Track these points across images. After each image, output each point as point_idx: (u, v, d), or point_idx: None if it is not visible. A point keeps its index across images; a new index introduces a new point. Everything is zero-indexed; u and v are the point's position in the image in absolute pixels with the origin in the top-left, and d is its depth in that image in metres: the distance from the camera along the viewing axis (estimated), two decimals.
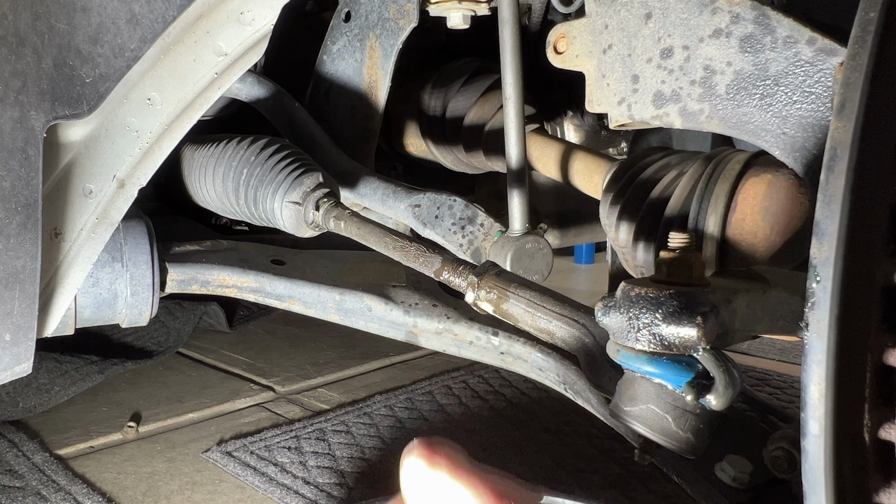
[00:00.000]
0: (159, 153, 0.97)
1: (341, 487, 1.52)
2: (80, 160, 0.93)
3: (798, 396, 0.49)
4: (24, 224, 0.85)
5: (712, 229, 0.95)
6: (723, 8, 0.87)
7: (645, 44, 0.94)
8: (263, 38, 0.93)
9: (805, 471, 0.49)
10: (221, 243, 1.40)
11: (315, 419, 1.85)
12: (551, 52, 1.07)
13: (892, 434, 0.47)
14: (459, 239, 1.22)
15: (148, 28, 0.85)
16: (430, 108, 1.62)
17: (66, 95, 0.84)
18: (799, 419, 0.49)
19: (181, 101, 0.94)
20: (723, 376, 0.56)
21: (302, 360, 2.32)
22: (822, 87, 0.81)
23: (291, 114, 1.47)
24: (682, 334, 0.57)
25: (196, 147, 1.38)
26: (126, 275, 1.20)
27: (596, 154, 1.32)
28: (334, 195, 1.17)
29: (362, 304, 1.30)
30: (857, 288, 0.47)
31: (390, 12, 1.37)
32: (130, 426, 1.77)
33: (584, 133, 1.66)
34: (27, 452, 1.61)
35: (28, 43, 0.80)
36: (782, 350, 2.38)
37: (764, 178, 0.94)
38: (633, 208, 1.08)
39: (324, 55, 1.49)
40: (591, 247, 4.08)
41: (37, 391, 1.84)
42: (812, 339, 0.47)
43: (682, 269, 0.60)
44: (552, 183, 1.59)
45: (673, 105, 0.93)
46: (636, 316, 0.59)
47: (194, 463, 1.64)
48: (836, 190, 0.47)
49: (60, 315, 1.01)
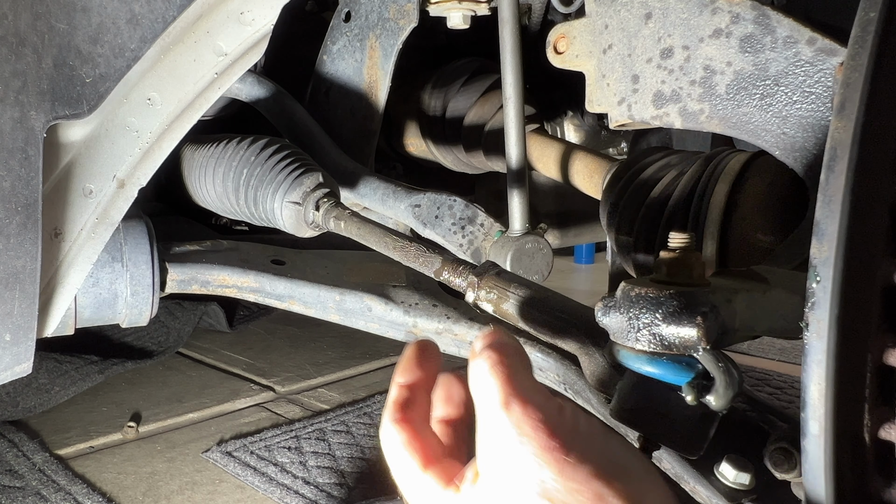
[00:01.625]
0: (159, 153, 0.97)
1: (341, 487, 1.52)
2: (80, 160, 0.93)
3: (798, 396, 0.49)
4: (24, 224, 0.85)
5: (712, 229, 0.95)
6: (723, 8, 0.87)
7: (645, 44, 0.94)
8: (263, 38, 0.93)
9: (805, 471, 0.49)
10: (221, 243, 1.40)
11: (315, 419, 1.85)
12: (551, 52, 1.07)
13: (892, 434, 0.47)
14: (459, 239, 1.22)
15: (148, 28, 0.85)
16: (430, 108, 1.62)
17: (66, 95, 0.84)
18: (799, 419, 0.49)
19: (181, 101, 0.94)
20: (723, 376, 0.56)
21: (302, 360, 2.32)
22: (822, 87, 0.81)
23: (291, 114, 1.47)
24: (682, 334, 0.57)
25: (196, 147, 1.38)
26: (126, 275, 1.20)
27: (596, 154, 1.32)
28: (334, 195, 1.17)
29: (362, 304, 1.30)
30: (857, 288, 0.47)
31: (390, 12, 1.37)
32: (130, 426, 1.77)
33: (584, 133, 1.66)
34: (27, 452, 1.61)
35: (28, 43, 0.80)
36: (782, 350, 2.38)
37: (764, 178, 0.94)
38: (634, 208, 1.08)
39: (324, 55, 1.49)
40: (591, 247, 4.08)
41: (37, 391, 1.84)
42: (812, 339, 0.47)
43: (682, 269, 0.60)
44: (552, 183, 1.59)
45: (673, 105, 0.93)
46: (636, 316, 0.59)
47: (194, 463, 1.64)
48: (836, 190, 0.47)
49: (60, 315, 1.01)
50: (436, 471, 0.55)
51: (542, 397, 0.51)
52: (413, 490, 0.56)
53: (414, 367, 0.60)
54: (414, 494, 0.56)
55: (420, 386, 0.60)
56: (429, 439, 0.57)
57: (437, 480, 0.55)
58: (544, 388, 0.53)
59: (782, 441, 0.60)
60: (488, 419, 0.51)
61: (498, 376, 0.51)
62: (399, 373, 0.60)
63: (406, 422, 0.57)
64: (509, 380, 0.51)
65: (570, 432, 0.49)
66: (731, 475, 0.70)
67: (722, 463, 0.71)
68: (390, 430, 0.57)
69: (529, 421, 0.49)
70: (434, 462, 0.56)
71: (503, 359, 0.53)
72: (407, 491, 0.57)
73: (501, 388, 0.51)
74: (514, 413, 0.49)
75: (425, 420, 0.59)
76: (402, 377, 0.60)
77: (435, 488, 0.54)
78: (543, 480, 0.47)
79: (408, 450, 0.56)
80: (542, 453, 0.47)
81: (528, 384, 0.52)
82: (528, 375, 0.53)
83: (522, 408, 0.49)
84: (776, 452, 0.57)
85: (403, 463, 0.56)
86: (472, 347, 0.56)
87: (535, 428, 0.48)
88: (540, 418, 0.49)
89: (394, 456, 0.57)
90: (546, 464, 0.47)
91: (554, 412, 0.50)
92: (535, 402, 0.50)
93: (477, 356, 0.54)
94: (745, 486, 0.70)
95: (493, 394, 0.51)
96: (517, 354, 0.54)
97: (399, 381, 0.60)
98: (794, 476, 0.57)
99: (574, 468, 0.47)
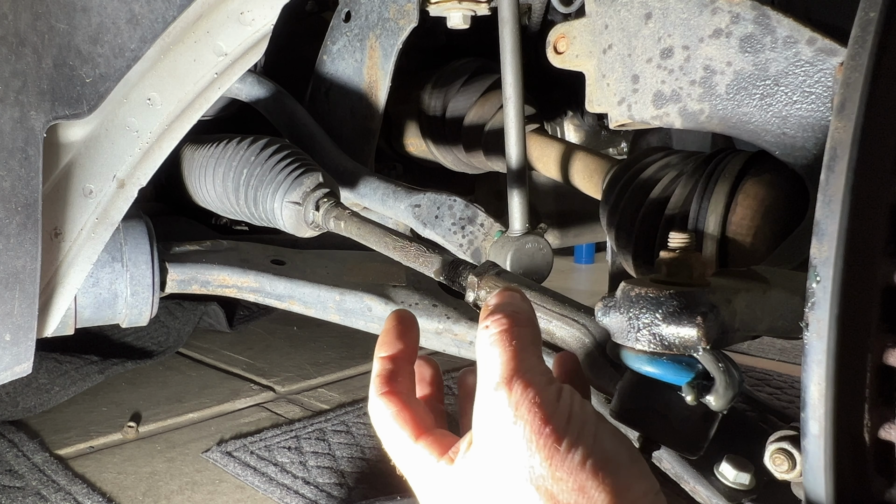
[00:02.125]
0: (159, 153, 0.97)
1: (341, 487, 1.52)
2: (80, 160, 0.93)
3: (798, 396, 0.49)
4: (24, 224, 0.85)
5: (712, 229, 0.95)
6: (723, 8, 0.87)
7: (645, 44, 0.94)
8: (263, 38, 0.93)
9: (805, 471, 0.49)
10: (221, 243, 1.40)
11: (315, 419, 1.85)
12: (551, 52, 1.07)
13: (892, 434, 0.47)
14: (459, 239, 1.22)
15: (148, 28, 0.85)
16: (430, 108, 1.62)
17: (66, 95, 0.84)
18: (799, 419, 0.49)
19: (181, 101, 0.94)
20: (723, 376, 0.56)
21: (302, 360, 2.32)
22: (822, 87, 0.81)
23: (291, 114, 1.47)
24: (682, 334, 0.57)
25: (196, 147, 1.38)
26: (126, 275, 1.20)
27: (596, 154, 1.32)
28: (334, 195, 1.17)
29: (362, 304, 1.30)
30: (857, 288, 0.47)
31: (390, 12, 1.37)
32: (130, 426, 1.77)
33: (584, 133, 1.66)
34: (27, 452, 1.61)
35: (28, 43, 0.80)
36: (782, 350, 2.38)
37: (764, 178, 0.94)
38: (634, 208, 1.08)
39: (324, 55, 1.49)
40: (591, 247, 4.08)
41: (37, 391, 1.84)
42: (812, 339, 0.47)
43: (682, 269, 0.60)
44: (552, 183, 1.59)
45: (673, 105, 0.93)
46: (636, 316, 0.59)
47: (194, 463, 1.64)
48: (836, 190, 0.47)
49: (60, 315, 1.01)
50: (428, 441, 0.55)
51: (545, 380, 0.51)
52: (406, 462, 0.56)
53: (394, 340, 0.60)
54: (407, 466, 0.56)
55: (402, 357, 0.60)
56: (418, 410, 0.57)
57: (430, 451, 0.54)
58: (547, 368, 0.53)
59: (782, 441, 0.60)
60: (488, 393, 0.51)
61: (505, 348, 0.51)
62: (380, 346, 0.60)
63: (393, 394, 0.57)
64: (516, 354, 0.51)
65: (564, 419, 0.49)
66: (731, 475, 0.70)
67: (722, 463, 0.71)
68: (378, 404, 0.57)
69: (527, 404, 0.49)
70: (425, 432, 0.55)
71: (513, 329, 0.53)
72: (400, 463, 0.56)
73: (506, 363, 0.51)
74: (514, 393, 0.49)
75: (412, 391, 0.59)
76: (384, 350, 0.60)
77: (428, 459, 0.54)
78: (533, 467, 0.48)
79: (398, 421, 0.56)
80: (535, 438, 0.48)
81: (533, 361, 0.52)
82: (534, 351, 0.53)
83: (523, 389, 0.49)
84: (776, 452, 0.57)
85: (394, 435, 0.56)
86: (486, 303, 0.56)
87: (532, 412, 0.48)
88: (538, 403, 0.49)
89: (384, 429, 0.56)
90: (537, 450, 0.48)
91: (552, 397, 0.50)
92: (536, 385, 0.50)
93: (487, 318, 0.54)
94: (745, 486, 0.70)
95: (496, 367, 0.51)
96: (528, 324, 0.54)
97: (381, 354, 0.60)
98: (794, 476, 0.57)
99: (563, 457, 0.47)
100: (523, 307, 0.56)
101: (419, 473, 0.55)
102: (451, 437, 0.56)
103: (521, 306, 0.56)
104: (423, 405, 0.59)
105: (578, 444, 0.48)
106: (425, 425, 0.56)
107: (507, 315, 0.54)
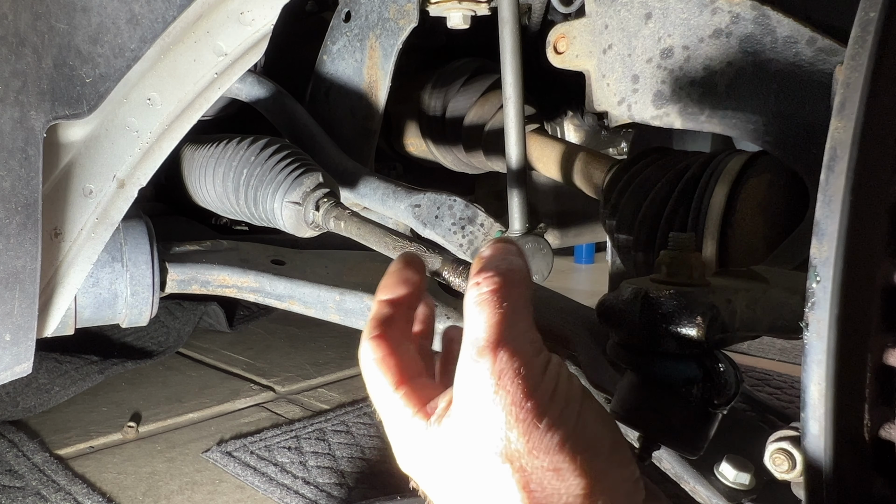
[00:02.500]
0: (159, 153, 0.97)
1: (341, 487, 1.52)
2: (80, 160, 0.93)
3: (798, 396, 0.49)
4: (24, 224, 0.85)
5: (712, 229, 0.95)
6: (723, 8, 0.87)
7: (645, 44, 0.94)
8: (263, 38, 0.93)
9: (805, 471, 0.49)
10: (221, 243, 1.40)
11: (315, 419, 1.85)
12: (551, 52, 1.07)
13: (892, 434, 0.47)
14: (459, 239, 1.22)
15: (148, 28, 0.85)
16: (430, 108, 1.62)
17: (66, 95, 0.84)
18: (799, 419, 0.49)
19: (181, 101, 0.94)
20: (723, 376, 0.56)
21: (302, 360, 2.32)
22: (822, 87, 0.81)
23: (291, 114, 1.46)
24: (682, 334, 0.57)
25: (196, 147, 1.38)
26: (126, 275, 1.20)
27: (596, 154, 1.32)
28: (334, 195, 1.17)
29: (362, 304, 1.30)
30: (856, 288, 0.47)
31: (390, 12, 1.37)
32: (130, 426, 1.77)
33: (584, 133, 1.66)
34: (27, 452, 1.61)
35: (28, 43, 0.80)
36: (782, 350, 2.38)
37: (764, 178, 0.94)
38: (634, 208, 1.08)
39: (324, 55, 1.49)
40: (591, 247, 4.08)
41: (37, 391, 1.84)
42: (812, 339, 0.47)
43: (682, 269, 0.60)
44: (552, 183, 1.59)
45: (673, 105, 0.93)
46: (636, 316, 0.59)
47: (194, 463, 1.64)
48: (836, 190, 0.47)
49: (60, 315, 1.01)
50: (407, 391, 0.53)
51: (532, 349, 0.48)
52: (385, 410, 0.54)
53: (397, 284, 0.58)
54: (386, 414, 0.54)
55: (403, 302, 0.58)
56: (405, 357, 0.55)
57: (407, 403, 0.52)
58: (537, 336, 0.50)
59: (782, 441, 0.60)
60: (471, 358, 0.48)
61: (494, 310, 0.48)
62: (381, 289, 0.58)
63: (383, 339, 0.55)
64: (505, 318, 0.48)
65: (547, 394, 0.47)
66: (731, 475, 0.71)
67: (722, 463, 0.71)
68: (366, 347, 0.55)
69: (511, 374, 0.46)
70: (407, 381, 0.53)
71: (504, 289, 0.49)
72: (380, 410, 0.55)
73: (494, 327, 0.48)
74: (498, 361, 0.47)
75: (405, 337, 0.57)
76: (384, 293, 0.58)
77: (405, 412, 0.52)
78: (509, 440, 0.46)
79: (381, 367, 0.54)
80: (514, 412, 0.46)
81: (522, 327, 0.49)
82: (525, 316, 0.50)
83: (509, 357, 0.47)
84: (776, 452, 0.57)
85: (376, 381, 0.54)
86: (479, 254, 0.53)
87: (515, 384, 0.46)
88: (522, 375, 0.46)
89: (368, 373, 0.55)
90: (515, 423, 0.46)
91: (538, 370, 0.47)
92: (522, 354, 0.47)
93: (479, 274, 0.51)
94: (745, 486, 0.70)
95: (482, 331, 0.48)
96: (521, 283, 0.51)
97: (380, 297, 0.58)
98: (794, 476, 0.57)
99: (542, 435, 0.46)
100: (517, 263, 0.52)
101: (394, 424, 0.53)
102: (432, 389, 0.53)
103: (516, 262, 0.52)
104: (415, 353, 0.56)
105: (559, 423, 0.46)
106: (409, 374, 0.54)
107: (499, 273, 0.50)
